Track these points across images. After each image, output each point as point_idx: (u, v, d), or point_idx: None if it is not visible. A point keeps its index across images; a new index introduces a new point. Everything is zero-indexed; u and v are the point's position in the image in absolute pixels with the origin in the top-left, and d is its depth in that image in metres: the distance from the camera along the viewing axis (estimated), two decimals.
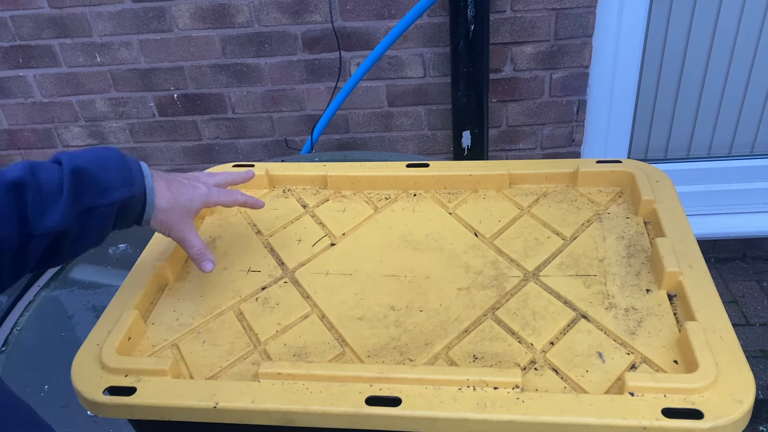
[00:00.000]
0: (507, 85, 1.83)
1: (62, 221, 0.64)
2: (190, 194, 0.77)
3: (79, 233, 0.67)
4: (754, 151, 2.02)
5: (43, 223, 0.63)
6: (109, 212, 0.69)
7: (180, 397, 0.66)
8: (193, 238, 0.78)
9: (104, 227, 0.70)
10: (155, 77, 1.90)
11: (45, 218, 0.63)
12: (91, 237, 0.69)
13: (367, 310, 0.77)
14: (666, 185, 0.89)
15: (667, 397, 0.61)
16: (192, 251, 0.78)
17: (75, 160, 0.67)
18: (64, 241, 0.66)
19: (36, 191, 0.63)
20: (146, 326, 0.78)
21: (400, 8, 1.73)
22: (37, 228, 0.63)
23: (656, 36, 1.84)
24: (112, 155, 0.70)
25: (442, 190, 0.97)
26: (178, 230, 0.76)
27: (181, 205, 0.76)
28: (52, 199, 0.64)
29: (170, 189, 0.75)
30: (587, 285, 0.77)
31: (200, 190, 0.79)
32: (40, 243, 0.64)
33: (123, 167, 0.70)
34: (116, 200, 0.68)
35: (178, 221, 0.76)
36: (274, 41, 1.81)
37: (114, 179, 0.69)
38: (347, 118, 1.93)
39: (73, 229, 0.66)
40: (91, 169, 0.67)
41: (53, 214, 0.64)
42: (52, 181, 0.65)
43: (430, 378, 0.65)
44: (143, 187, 0.72)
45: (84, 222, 0.67)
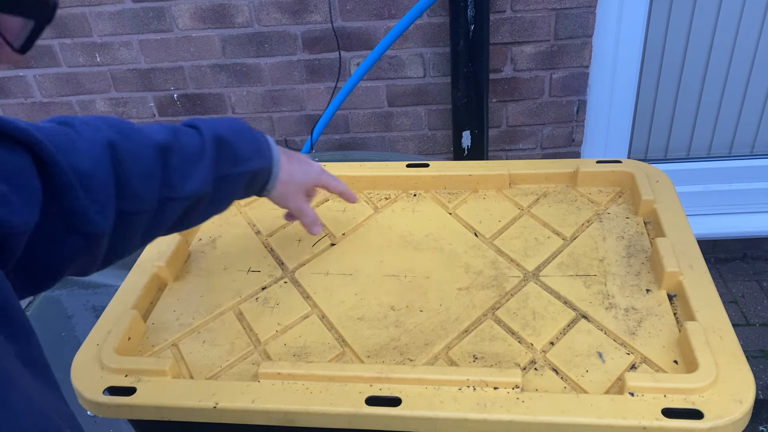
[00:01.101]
0: (507, 85, 1.83)
1: (201, 187, 0.66)
2: (306, 169, 0.81)
3: (212, 199, 0.69)
4: (754, 151, 2.02)
5: (185, 187, 0.65)
6: (240, 181, 0.71)
7: (180, 397, 0.65)
8: (308, 209, 0.83)
9: (233, 195, 0.73)
10: (155, 77, 1.90)
11: (187, 183, 0.65)
12: (220, 203, 0.73)
13: (367, 310, 0.77)
14: (666, 185, 0.89)
15: (667, 397, 0.61)
16: (306, 219, 0.83)
17: (215, 128, 0.69)
18: (198, 206, 0.69)
19: (180, 155, 0.65)
20: (146, 326, 0.78)
21: (400, 8, 1.73)
22: (179, 191, 0.64)
23: (656, 36, 1.84)
24: (245, 127, 0.73)
25: (442, 190, 0.97)
26: (293, 200, 0.80)
27: (298, 179, 0.79)
28: (194, 162, 0.66)
29: (290, 162, 0.78)
30: (587, 285, 0.77)
31: (314, 168, 0.82)
32: (177, 206, 0.65)
33: (255, 139, 0.74)
34: (250, 170, 0.72)
35: (294, 193, 0.80)
36: (274, 41, 1.81)
37: (249, 150, 0.72)
38: (347, 118, 1.93)
39: (208, 194, 0.68)
40: (230, 139, 0.70)
41: (195, 179, 0.65)
42: (194, 146, 0.67)
43: (430, 378, 0.65)
44: (271, 160, 0.75)
45: (218, 189, 0.69)
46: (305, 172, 0.81)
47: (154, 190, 0.63)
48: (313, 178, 0.82)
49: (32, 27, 0.44)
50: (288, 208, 0.82)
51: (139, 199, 0.61)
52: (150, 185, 0.62)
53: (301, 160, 0.82)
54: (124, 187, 0.59)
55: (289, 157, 0.79)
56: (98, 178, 0.57)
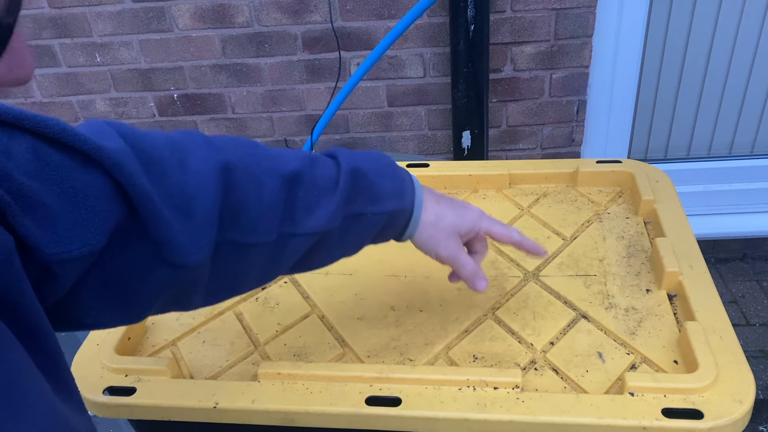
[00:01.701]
0: (507, 85, 1.83)
1: (329, 222, 0.59)
2: (460, 212, 0.69)
3: (341, 238, 0.62)
4: (754, 151, 2.02)
5: (309, 221, 0.58)
6: (375, 222, 0.63)
7: (180, 397, 0.65)
8: (464, 258, 0.69)
9: (365, 236, 0.65)
10: (155, 77, 1.90)
11: (312, 217, 0.58)
12: (349, 245, 0.65)
13: (367, 310, 0.77)
14: (666, 185, 0.89)
15: (667, 397, 0.61)
16: (464, 271, 0.69)
17: (355, 160, 0.63)
18: (324, 244, 0.61)
19: (310, 186, 0.59)
20: (146, 326, 0.78)
21: (400, 8, 1.73)
22: (302, 226, 0.58)
23: (656, 36, 1.84)
24: (388, 162, 0.66)
25: (442, 190, 0.97)
26: (445, 248, 0.68)
27: (449, 223, 0.68)
28: (324, 196, 0.59)
29: (439, 204, 0.69)
30: (587, 285, 0.77)
31: (473, 212, 0.71)
32: (300, 243, 0.59)
33: (397, 177, 0.65)
34: (386, 211, 0.63)
35: (445, 239, 0.68)
36: (274, 41, 1.81)
37: (388, 188, 0.64)
38: (347, 118, 1.93)
39: (337, 232, 0.61)
40: (368, 174, 0.62)
41: (322, 213, 0.59)
42: (328, 177, 0.60)
43: (430, 378, 0.65)
44: (413, 201, 0.66)
45: (348, 227, 0.62)
46: (458, 215, 0.69)
47: (274, 222, 0.56)
48: (468, 222, 0.69)
49: None
50: (438, 257, 0.69)
51: (254, 230, 0.55)
52: (269, 216, 0.56)
53: (456, 203, 0.70)
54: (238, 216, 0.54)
55: (438, 199, 0.69)
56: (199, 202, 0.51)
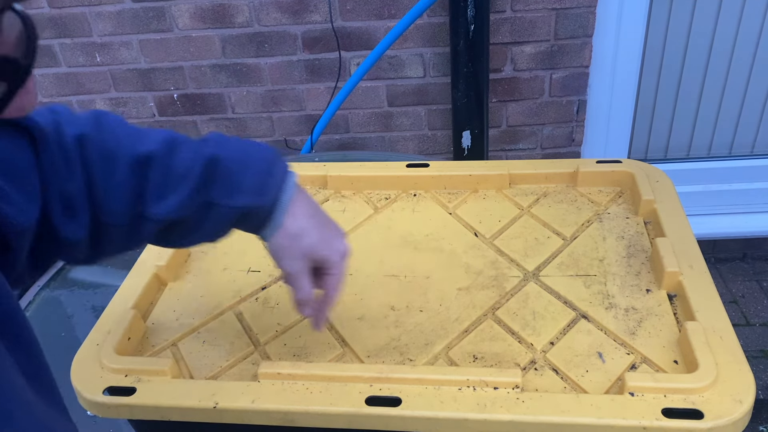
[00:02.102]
0: (507, 85, 1.83)
1: (178, 209, 0.58)
2: (325, 238, 0.64)
3: (195, 225, 0.61)
4: (754, 151, 2.02)
5: (159, 207, 0.57)
6: (228, 214, 0.61)
7: (180, 397, 0.65)
8: (303, 281, 0.65)
9: (221, 228, 0.63)
10: (155, 77, 1.90)
11: (163, 203, 0.57)
12: (206, 231, 0.63)
13: (367, 310, 0.77)
14: (666, 185, 0.89)
15: (667, 397, 0.61)
16: (297, 294, 0.66)
17: (218, 147, 0.60)
18: (177, 229, 0.61)
19: (163, 171, 0.58)
20: (146, 326, 0.78)
21: (400, 8, 1.73)
22: (152, 212, 0.57)
23: (656, 36, 1.84)
24: (262, 156, 0.62)
25: (442, 190, 0.97)
26: (290, 264, 0.64)
27: (305, 243, 0.63)
28: (177, 183, 0.58)
29: (310, 218, 0.64)
30: (587, 285, 0.77)
31: (340, 245, 0.66)
32: (152, 226, 0.59)
33: (264, 172, 0.61)
34: (239, 206, 0.60)
35: (296, 257, 0.63)
36: (274, 41, 1.81)
37: (247, 183, 0.60)
38: (347, 118, 1.93)
39: (190, 219, 0.60)
40: (229, 164, 0.60)
41: (172, 200, 0.58)
42: (185, 163, 0.58)
43: (430, 378, 0.65)
44: (275, 203, 0.62)
45: (203, 216, 0.60)
46: (323, 240, 0.64)
47: (124, 205, 0.57)
48: (326, 252, 0.64)
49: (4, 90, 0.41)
50: (280, 268, 0.65)
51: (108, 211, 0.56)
52: (119, 198, 0.56)
53: (329, 225, 0.66)
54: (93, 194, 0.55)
55: (313, 213, 0.65)
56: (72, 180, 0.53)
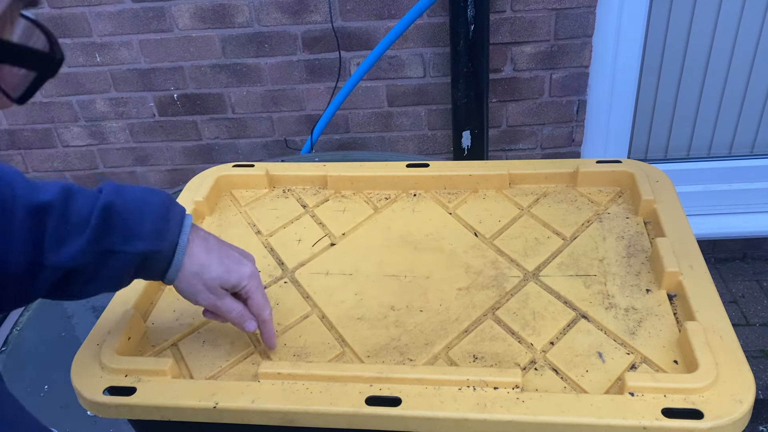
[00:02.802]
0: (507, 85, 1.83)
1: (77, 257, 0.59)
2: (228, 267, 0.67)
3: (94, 274, 0.62)
4: (754, 151, 2.02)
5: (58, 255, 0.58)
6: (128, 260, 0.62)
7: (180, 397, 0.65)
8: (226, 305, 0.68)
9: (122, 274, 0.64)
10: (155, 77, 1.90)
11: (61, 251, 0.58)
12: (106, 280, 0.64)
13: (367, 310, 0.77)
14: (666, 185, 0.89)
15: (667, 397, 0.61)
16: (230, 317, 0.69)
17: (114, 195, 0.62)
18: (77, 279, 0.61)
19: (61, 219, 0.59)
20: (146, 326, 0.78)
21: (400, 8, 1.73)
22: (50, 259, 0.58)
23: (656, 36, 1.84)
24: (157, 201, 0.64)
25: (442, 190, 0.97)
26: (204, 298, 0.67)
27: (213, 276, 0.66)
28: (75, 232, 0.59)
29: (209, 254, 0.66)
30: (587, 285, 0.77)
31: (243, 269, 0.68)
32: (50, 275, 0.59)
33: (160, 218, 0.63)
34: (138, 251, 0.62)
35: (205, 290, 0.67)
36: (274, 41, 1.81)
37: (143, 229, 0.62)
38: (347, 118, 1.93)
39: (89, 268, 0.61)
40: (124, 211, 0.62)
41: (70, 248, 0.59)
42: (83, 212, 0.60)
43: (430, 378, 0.65)
44: (173, 246, 0.64)
45: (102, 264, 0.61)
46: (225, 270, 0.67)
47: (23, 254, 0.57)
48: (233, 279, 0.67)
49: (33, 79, 0.42)
50: (200, 305, 0.69)
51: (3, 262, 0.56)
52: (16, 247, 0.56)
53: (230, 257, 0.68)
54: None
55: (210, 249, 0.67)
56: None
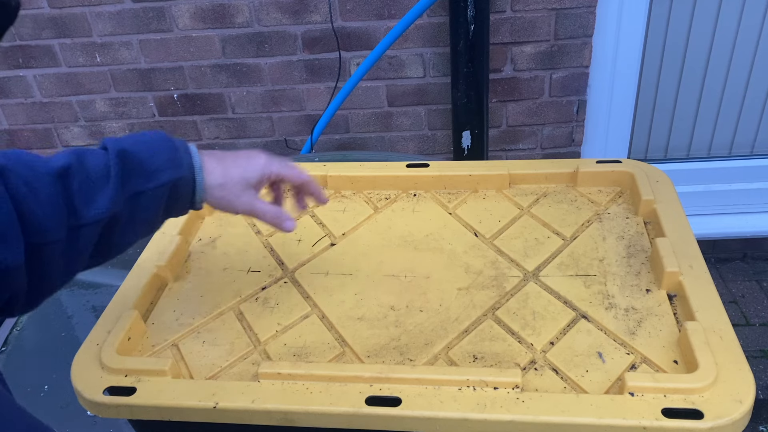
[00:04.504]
0: (507, 85, 1.83)
1: (110, 207, 0.61)
2: (245, 164, 0.71)
3: (129, 219, 0.64)
4: (754, 151, 2.02)
5: (91, 210, 0.60)
6: (158, 195, 0.65)
7: (180, 397, 0.65)
8: (261, 206, 0.73)
9: (155, 212, 0.67)
10: (155, 77, 1.90)
11: (93, 205, 0.60)
12: (142, 223, 0.66)
13: (367, 310, 0.77)
14: (666, 185, 0.89)
15: (667, 397, 0.61)
16: (266, 218, 0.73)
17: (120, 143, 0.64)
18: (115, 229, 0.63)
19: (83, 178, 0.60)
20: (146, 326, 0.78)
21: (400, 8, 1.73)
22: (86, 216, 0.60)
23: (656, 36, 1.84)
24: (158, 137, 0.67)
25: (442, 190, 0.97)
26: (240, 204, 0.71)
27: (236, 177, 0.70)
28: (100, 184, 0.61)
29: (221, 163, 0.70)
30: (587, 285, 0.77)
31: (258, 160, 0.73)
32: (90, 232, 0.61)
33: (169, 149, 0.67)
34: (164, 182, 0.65)
35: (239, 194, 0.71)
36: (274, 41, 1.81)
37: (160, 161, 0.65)
38: (347, 118, 1.93)
39: (123, 215, 0.63)
40: (137, 152, 0.64)
41: (101, 201, 0.61)
42: (99, 166, 0.62)
43: (430, 378, 0.65)
44: (192, 168, 0.68)
45: (134, 207, 0.64)
46: (244, 167, 0.71)
47: (58, 218, 0.58)
48: (255, 171, 0.72)
49: None
50: (237, 212, 0.73)
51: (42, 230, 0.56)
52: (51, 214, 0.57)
53: (238, 156, 0.73)
54: (24, 219, 0.55)
55: (221, 159, 0.71)
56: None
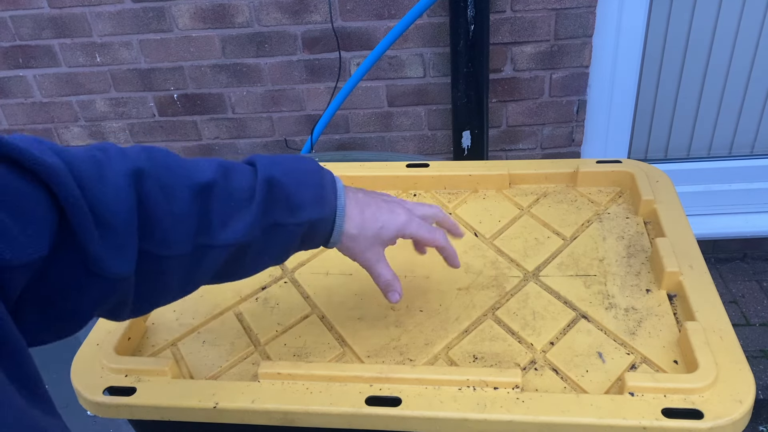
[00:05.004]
0: (507, 85, 1.83)
1: (247, 233, 0.58)
2: (384, 220, 0.67)
3: (262, 249, 0.61)
4: (754, 151, 2.02)
5: (225, 233, 0.57)
6: (295, 231, 0.62)
7: (180, 397, 0.65)
8: (381, 269, 0.69)
9: (288, 246, 0.64)
10: (155, 77, 1.90)
11: (228, 228, 0.57)
12: (273, 254, 0.64)
13: (367, 310, 0.77)
14: (666, 185, 0.89)
15: (667, 397, 0.61)
16: (379, 281, 0.70)
17: (271, 168, 0.61)
18: (245, 256, 0.60)
19: (225, 197, 0.57)
20: (146, 326, 0.78)
21: (400, 8, 1.73)
22: (218, 238, 0.57)
23: (656, 36, 1.84)
24: (310, 168, 0.64)
25: (442, 190, 0.97)
26: (364, 259, 0.68)
27: (371, 233, 0.67)
28: (240, 207, 0.58)
29: (363, 213, 0.66)
30: (587, 285, 0.77)
31: (398, 218, 0.68)
32: (218, 254, 0.57)
33: (317, 184, 0.64)
34: (305, 221, 0.62)
35: (365, 249, 0.67)
36: (274, 41, 1.81)
37: (306, 197, 0.62)
38: (347, 118, 1.93)
39: (257, 243, 0.60)
40: (286, 183, 0.61)
41: (238, 225, 0.57)
42: (244, 188, 0.59)
43: (430, 378, 0.65)
44: (334, 209, 0.65)
45: (269, 237, 0.61)
46: (382, 223, 0.67)
47: (188, 234, 0.55)
48: (394, 228, 0.68)
49: None
50: (357, 262, 0.69)
51: (168, 242, 0.53)
52: (182, 229, 0.54)
53: (381, 207, 0.68)
54: (151, 227, 0.52)
55: (364, 206, 0.67)
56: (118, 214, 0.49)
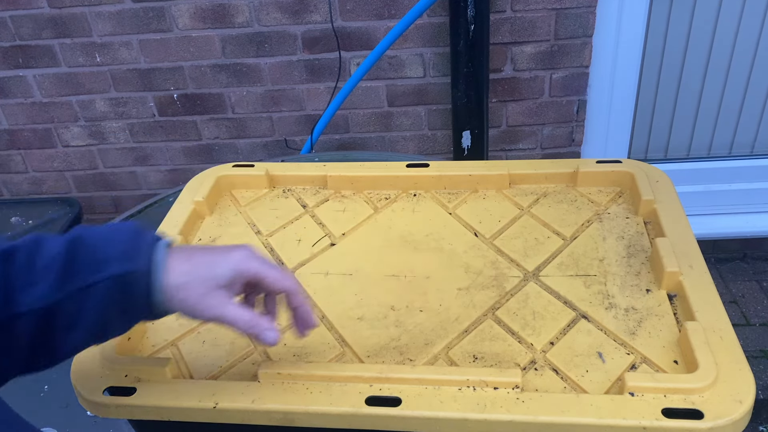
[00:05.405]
0: (507, 85, 1.83)
1: (47, 296, 0.54)
2: (216, 260, 0.59)
3: (75, 317, 0.55)
4: (754, 151, 2.02)
5: (27, 296, 0.53)
6: (106, 293, 0.55)
7: (180, 397, 0.65)
8: (232, 312, 0.59)
9: (105, 311, 0.56)
10: (155, 77, 1.90)
11: (30, 291, 0.53)
12: (91, 322, 0.56)
13: (367, 310, 0.77)
14: (666, 185, 0.89)
15: (667, 397, 0.61)
16: (238, 326, 0.59)
17: (81, 230, 0.58)
18: (56, 324, 0.55)
19: (28, 261, 0.55)
20: (146, 326, 0.78)
21: (400, 8, 1.73)
22: (22, 302, 0.53)
23: (656, 36, 1.84)
24: (126, 228, 0.59)
25: (442, 190, 0.97)
26: (206, 306, 0.58)
27: (203, 274, 0.58)
28: (44, 271, 0.54)
29: (190, 260, 0.58)
30: (587, 285, 0.77)
31: (235, 254, 0.60)
32: (26, 323, 0.54)
33: (129, 239, 0.57)
34: (108, 276, 0.55)
35: (203, 295, 0.57)
36: (274, 41, 1.81)
37: (112, 251, 0.56)
38: (347, 118, 1.93)
39: (66, 309, 0.55)
40: (91, 241, 0.57)
41: (39, 288, 0.54)
42: (49, 253, 0.55)
43: (430, 378, 0.65)
44: (148, 263, 0.56)
45: (80, 302, 0.55)
46: (214, 261, 0.58)
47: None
48: (229, 267, 0.59)
49: None
50: (204, 319, 0.59)
51: None
52: None
53: (214, 251, 0.60)
54: None
55: (192, 254, 0.59)
56: None
